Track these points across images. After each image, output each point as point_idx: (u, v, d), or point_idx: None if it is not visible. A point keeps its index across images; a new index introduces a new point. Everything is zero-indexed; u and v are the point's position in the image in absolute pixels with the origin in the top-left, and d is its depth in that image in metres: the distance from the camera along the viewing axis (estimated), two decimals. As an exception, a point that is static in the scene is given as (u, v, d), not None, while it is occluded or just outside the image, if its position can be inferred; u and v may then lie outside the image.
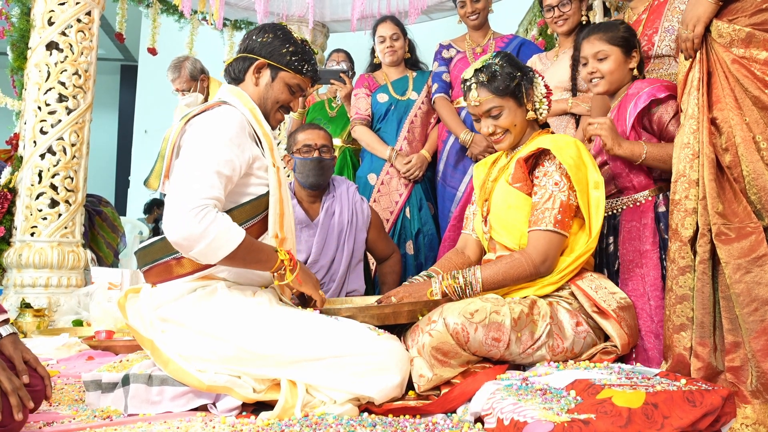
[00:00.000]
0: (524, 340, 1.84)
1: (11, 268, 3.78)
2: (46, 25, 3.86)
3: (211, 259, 1.72)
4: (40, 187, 3.80)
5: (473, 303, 1.84)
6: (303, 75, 2.03)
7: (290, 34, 2.03)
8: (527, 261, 1.94)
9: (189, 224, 1.65)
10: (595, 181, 1.99)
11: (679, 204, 1.80)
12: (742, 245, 1.65)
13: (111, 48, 10.25)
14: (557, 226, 1.95)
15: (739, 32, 1.73)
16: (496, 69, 2.09)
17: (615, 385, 1.50)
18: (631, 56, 2.24)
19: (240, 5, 5.13)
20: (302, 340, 1.74)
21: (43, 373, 1.58)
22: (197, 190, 1.70)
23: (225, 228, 1.70)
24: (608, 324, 1.91)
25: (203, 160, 1.75)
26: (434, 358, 1.79)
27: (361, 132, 3.48)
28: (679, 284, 1.78)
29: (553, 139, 2.06)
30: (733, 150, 1.72)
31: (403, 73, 3.55)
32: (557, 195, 1.98)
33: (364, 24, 5.09)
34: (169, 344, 1.77)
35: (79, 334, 3.15)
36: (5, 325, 1.58)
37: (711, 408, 1.40)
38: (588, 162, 2.02)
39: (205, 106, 1.90)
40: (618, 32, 2.24)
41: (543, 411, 1.41)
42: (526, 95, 2.11)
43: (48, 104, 3.83)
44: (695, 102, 1.80)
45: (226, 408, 1.70)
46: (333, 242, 2.78)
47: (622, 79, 2.25)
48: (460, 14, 3.37)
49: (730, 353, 1.67)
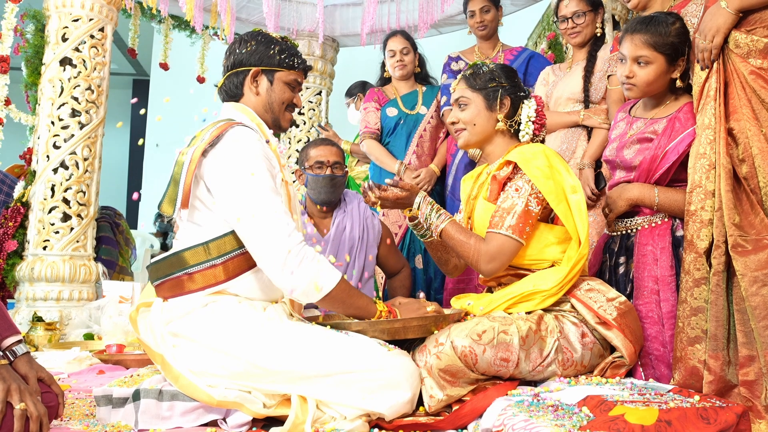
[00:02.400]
0: (533, 358, 1.82)
1: (23, 282, 3.80)
2: (60, 41, 3.91)
3: (310, 298, 1.79)
4: (53, 201, 3.83)
5: (481, 323, 1.82)
6: (297, 69, 2.05)
7: (269, 35, 2.06)
8: (475, 252, 1.97)
9: (289, 268, 1.75)
10: (572, 186, 1.95)
11: (694, 215, 1.78)
12: (759, 257, 1.63)
13: (123, 63, 10.34)
14: (512, 232, 1.93)
15: (756, 43, 1.72)
16: (484, 68, 2.13)
17: (627, 402, 1.49)
18: (677, 65, 2.07)
19: (251, 20, 5.16)
20: (312, 355, 1.73)
21: (58, 391, 1.62)
22: (285, 233, 1.77)
23: (323, 266, 1.79)
24: (612, 334, 1.89)
25: (265, 207, 1.78)
26: (443, 379, 1.78)
27: (370, 146, 3.49)
28: (694, 296, 1.76)
29: (520, 151, 2.03)
30: (750, 161, 1.71)
31: (412, 87, 3.56)
32: (515, 202, 1.97)
33: (374, 38, 5.11)
34: (180, 359, 1.77)
35: (90, 348, 3.15)
36: (20, 345, 1.62)
37: (725, 425, 1.38)
38: (561, 168, 1.98)
39: (215, 132, 1.88)
40: (668, 36, 2.04)
41: (555, 428, 1.39)
42: (500, 103, 2.09)
43: (61, 119, 3.87)
44: (712, 112, 1.79)
45: (237, 423, 1.70)
46: (344, 257, 2.77)
47: (660, 88, 2.12)
48: (470, 24, 3.39)
49: (744, 367, 1.65)
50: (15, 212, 3.81)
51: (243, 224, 1.78)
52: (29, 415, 1.45)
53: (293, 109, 2.09)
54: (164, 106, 9.18)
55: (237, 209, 1.79)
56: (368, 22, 4.54)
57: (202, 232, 1.87)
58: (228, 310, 1.81)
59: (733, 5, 1.72)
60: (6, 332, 1.63)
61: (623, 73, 2.12)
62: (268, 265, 1.78)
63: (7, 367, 1.51)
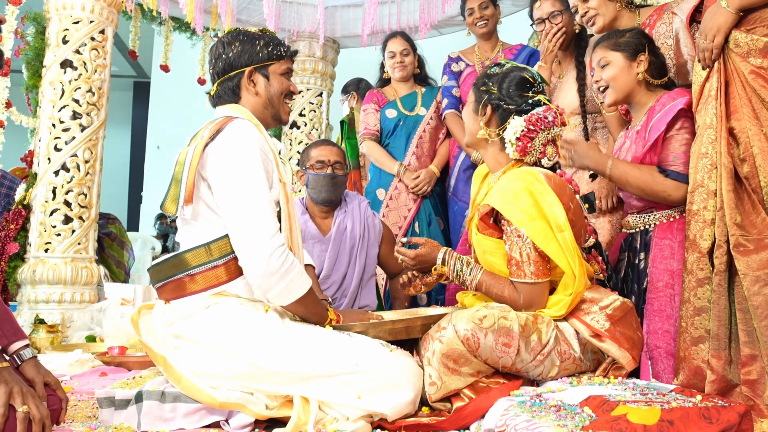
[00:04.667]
0: (533, 346, 1.83)
1: (25, 284, 3.80)
2: (60, 44, 3.91)
3: (282, 301, 1.82)
4: (54, 204, 3.83)
5: (480, 310, 1.84)
6: (286, 57, 2.06)
7: (248, 31, 2.05)
8: (512, 302, 1.93)
9: (271, 268, 1.76)
10: (558, 225, 1.87)
11: (696, 215, 1.78)
12: (761, 257, 1.63)
13: (124, 65, 10.37)
14: (536, 277, 1.90)
15: (756, 42, 1.72)
16: (490, 69, 2.09)
17: (630, 402, 1.49)
18: (637, 60, 2.14)
19: (252, 22, 5.17)
20: (315, 356, 1.74)
21: (62, 396, 1.64)
22: (268, 229, 1.78)
23: (300, 271, 1.82)
24: (607, 346, 1.87)
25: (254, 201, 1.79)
26: (445, 365, 1.79)
27: (369, 147, 3.50)
28: (698, 296, 1.76)
29: (501, 193, 1.93)
30: (751, 160, 1.71)
31: (412, 88, 3.56)
32: (524, 249, 1.90)
33: (375, 39, 5.11)
34: (182, 361, 1.77)
35: (92, 350, 3.16)
36: (27, 349, 1.63)
37: (728, 425, 1.38)
38: (545, 206, 1.88)
39: (215, 127, 1.89)
40: (621, 37, 2.16)
41: (557, 428, 1.40)
42: (482, 109, 2.05)
43: (62, 121, 3.87)
44: (713, 111, 1.79)
45: (239, 425, 1.70)
46: (345, 257, 2.78)
47: (629, 86, 2.16)
48: (468, 22, 3.35)
49: (746, 366, 1.65)
50: (16, 215, 3.81)
51: (232, 220, 1.80)
52: (32, 417, 1.46)
53: (291, 97, 2.09)
54: (165, 108, 9.21)
55: (228, 205, 1.80)
56: (369, 23, 4.55)
57: (203, 234, 1.87)
58: (230, 312, 1.82)
59: (733, 4, 1.72)
60: (13, 337, 1.64)
61: (594, 81, 2.23)
62: (248, 263, 1.78)
63: (9, 370, 1.51)
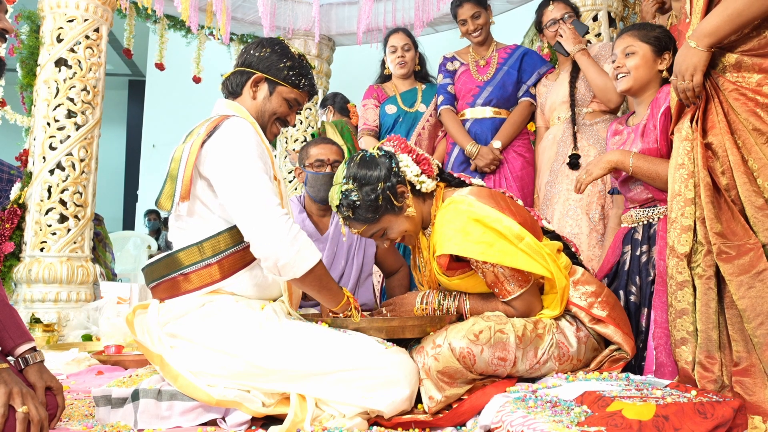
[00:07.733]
0: (530, 357, 1.83)
1: (21, 284, 3.80)
2: (54, 42, 3.90)
3: (295, 271, 1.76)
4: (50, 203, 3.83)
5: (477, 323, 1.82)
6: (300, 90, 2.04)
7: (287, 48, 2.05)
8: (510, 314, 1.92)
9: (280, 233, 1.73)
10: (516, 235, 1.84)
11: (675, 222, 1.79)
12: (743, 261, 1.65)
13: (119, 63, 10.34)
14: (520, 287, 1.89)
15: (728, 58, 1.73)
16: (353, 200, 1.91)
17: (625, 397, 1.50)
18: (662, 57, 2.18)
19: (246, 20, 5.17)
20: (311, 354, 1.74)
21: (61, 403, 1.65)
22: (272, 200, 1.76)
23: (308, 239, 1.79)
24: (610, 331, 1.91)
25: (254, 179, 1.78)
26: (441, 381, 1.78)
27: (368, 143, 3.50)
28: (678, 299, 1.78)
29: (449, 236, 1.87)
30: (729, 173, 1.72)
31: (412, 85, 3.57)
32: (497, 270, 1.88)
33: (370, 37, 5.11)
34: (178, 359, 1.77)
35: (88, 349, 3.15)
36: (32, 353, 1.63)
37: (722, 420, 1.39)
38: (496, 225, 1.84)
39: (212, 125, 1.89)
40: (652, 31, 2.19)
41: (553, 424, 1.40)
42: (397, 201, 1.93)
43: (57, 120, 3.86)
44: (688, 125, 1.80)
45: (236, 422, 1.70)
46: (342, 256, 2.78)
47: (648, 79, 2.20)
48: (462, 32, 3.39)
49: (737, 366, 1.66)
50: (12, 214, 3.81)
51: (234, 199, 1.78)
52: (31, 418, 1.47)
53: (285, 125, 2.08)
54: (160, 106, 9.19)
55: (230, 192, 1.79)
56: (364, 21, 4.55)
57: (196, 232, 1.87)
58: (225, 310, 1.82)
59: (703, 44, 1.71)
60: (19, 339, 1.64)
61: (614, 66, 2.25)
62: (257, 234, 1.74)
63: (8, 371, 1.51)
